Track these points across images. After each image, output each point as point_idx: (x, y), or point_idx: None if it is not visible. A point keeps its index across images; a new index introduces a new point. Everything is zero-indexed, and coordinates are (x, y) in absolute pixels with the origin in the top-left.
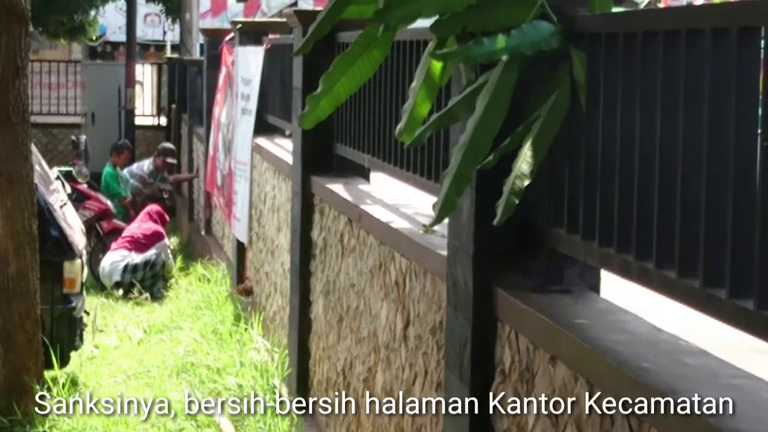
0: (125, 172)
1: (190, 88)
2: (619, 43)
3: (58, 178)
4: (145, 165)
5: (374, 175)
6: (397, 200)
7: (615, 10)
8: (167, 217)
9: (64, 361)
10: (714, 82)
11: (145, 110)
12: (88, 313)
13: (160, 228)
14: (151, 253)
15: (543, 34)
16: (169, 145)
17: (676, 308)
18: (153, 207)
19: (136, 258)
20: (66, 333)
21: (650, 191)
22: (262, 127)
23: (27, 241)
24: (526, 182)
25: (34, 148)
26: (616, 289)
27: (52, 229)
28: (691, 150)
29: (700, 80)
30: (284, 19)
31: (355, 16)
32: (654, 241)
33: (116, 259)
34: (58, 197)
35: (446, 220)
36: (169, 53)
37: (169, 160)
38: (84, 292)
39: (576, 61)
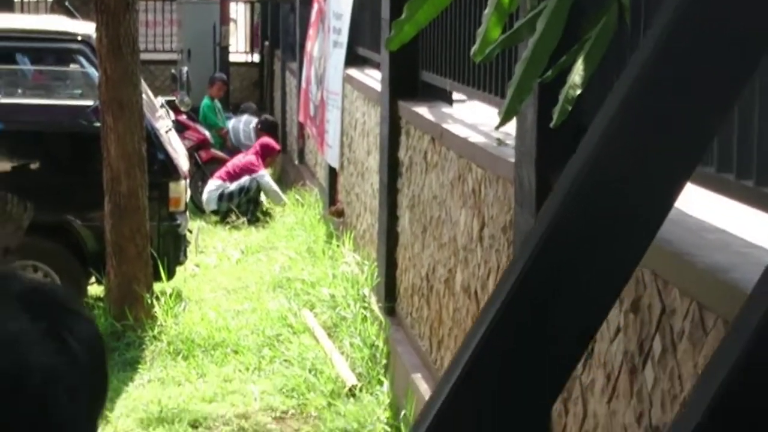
0: (231, 128)
1: (282, 25)
2: None
3: (162, 106)
4: (252, 135)
5: (462, 105)
6: (477, 120)
7: None
8: (277, 148)
9: (170, 274)
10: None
11: (239, 47)
12: (191, 232)
13: (256, 160)
14: (245, 179)
15: None
16: (272, 118)
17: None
18: (263, 139)
19: (231, 186)
20: (172, 248)
21: None
22: (353, 59)
23: (136, 162)
24: (578, 92)
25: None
26: None
27: (159, 153)
28: None
29: None
30: None
31: None
32: None
33: (212, 188)
34: (163, 123)
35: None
36: None
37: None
38: (187, 211)
39: None
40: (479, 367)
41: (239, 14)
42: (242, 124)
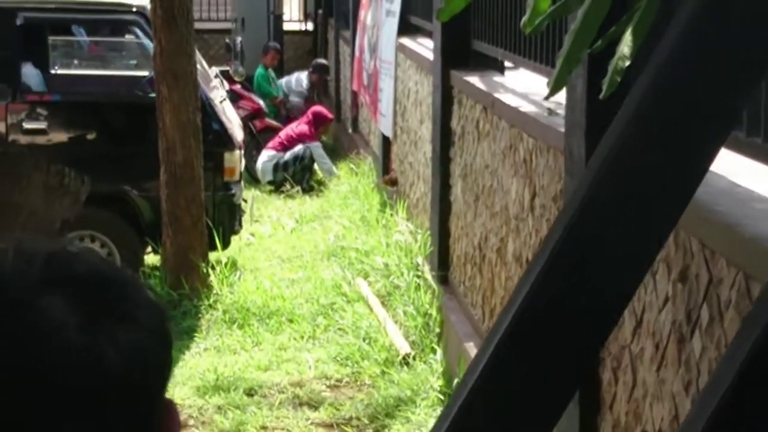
0: (283, 83)
1: None
2: None
3: (216, 76)
4: (303, 81)
5: (516, 72)
6: (528, 89)
7: None
8: (329, 116)
9: (225, 243)
10: None
11: (293, 15)
12: (245, 201)
13: (308, 130)
14: (299, 148)
15: None
16: (323, 61)
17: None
18: (315, 108)
19: (286, 155)
20: (227, 217)
21: None
22: (405, 28)
23: (191, 132)
24: (627, 63)
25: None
26: None
27: (213, 123)
28: None
29: None
30: None
31: None
32: None
33: (266, 159)
34: (217, 93)
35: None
36: None
37: (326, 77)
38: (242, 181)
39: None
40: (522, 326)
41: None
42: (294, 76)
